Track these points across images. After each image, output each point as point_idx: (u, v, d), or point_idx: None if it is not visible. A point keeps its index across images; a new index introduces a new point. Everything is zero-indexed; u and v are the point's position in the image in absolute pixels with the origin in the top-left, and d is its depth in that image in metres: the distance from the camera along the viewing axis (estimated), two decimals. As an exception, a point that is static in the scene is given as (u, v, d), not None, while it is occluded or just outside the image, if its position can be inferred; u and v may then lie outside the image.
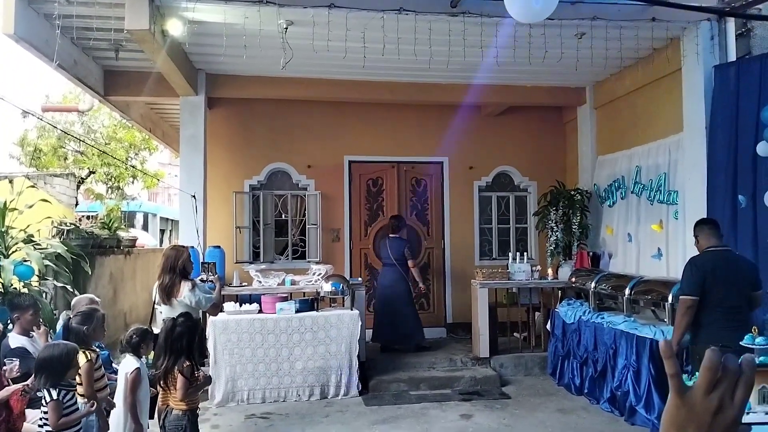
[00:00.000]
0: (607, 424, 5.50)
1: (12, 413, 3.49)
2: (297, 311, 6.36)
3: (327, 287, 6.63)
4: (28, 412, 3.72)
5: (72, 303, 4.94)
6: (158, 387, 3.84)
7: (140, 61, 6.60)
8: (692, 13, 5.75)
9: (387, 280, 7.64)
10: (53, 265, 5.89)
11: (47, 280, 5.94)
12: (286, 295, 6.68)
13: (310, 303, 6.57)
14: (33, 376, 3.43)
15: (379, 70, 7.03)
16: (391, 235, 7.73)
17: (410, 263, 7.55)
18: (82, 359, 3.60)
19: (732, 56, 5.77)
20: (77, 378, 3.58)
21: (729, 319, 4.17)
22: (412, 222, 8.80)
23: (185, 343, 3.76)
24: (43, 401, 3.34)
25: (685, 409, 0.73)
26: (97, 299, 5.07)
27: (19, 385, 3.51)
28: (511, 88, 7.93)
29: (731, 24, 5.81)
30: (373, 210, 8.79)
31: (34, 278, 5.56)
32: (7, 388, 3.47)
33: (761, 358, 3.79)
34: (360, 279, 7.47)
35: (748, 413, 2.80)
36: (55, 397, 3.28)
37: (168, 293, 4.74)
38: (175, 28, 5.39)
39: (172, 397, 3.75)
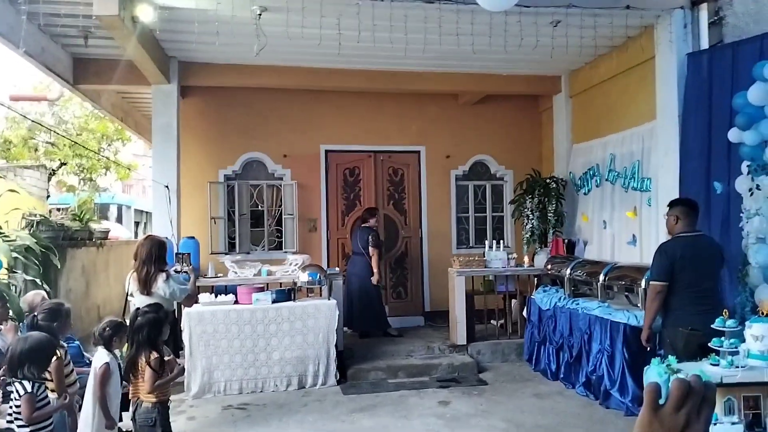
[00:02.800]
0: (582, 407, 5.57)
1: None
2: (273, 302, 6.31)
3: (304, 277, 6.59)
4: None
5: (25, 301, 4.83)
6: (129, 379, 3.79)
7: (110, 48, 6.45)
8: (666, 1, 5.80)
9: (356, 268, 7.70)
10: (22, 258, 5.76)
11: (16, 273, 5.81)
12: (262, 285, 6.62)
13: (286, 293, 6.52)
14: (7, 369, 3.33)
15: (355, 58, 6.97)
16: (362, 225, 7.76)
17: (370, 250, 7.49)
18: None
19: (705, 44, 5.83)
20: (46, 374, 3.51)
21: (699, 303, 4.26)
22: (389, 211, 8.79)
23: (146, 334, 3.67)
24: (14, 395, 3.27)
25: (657, 423, 0.82)
26: (44, 294, 4.98)
27: None
28: (488, 77, 7.94)
29: (704, 12, 5.86)
30: (350, 200, 8.75)
31: (3, 271, 5.43)
32: None
33: (731, 341, 3.86)
34: (337, 269, 7.44)
35: (715, 424, 3.04)
36: (29, 389, 3.22)
37: (148, 284, 4.69)
38: (145, 14, 5.27)
39: (141, 389, 3.69)
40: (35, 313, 3.91)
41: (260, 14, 5.45)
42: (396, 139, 8.81)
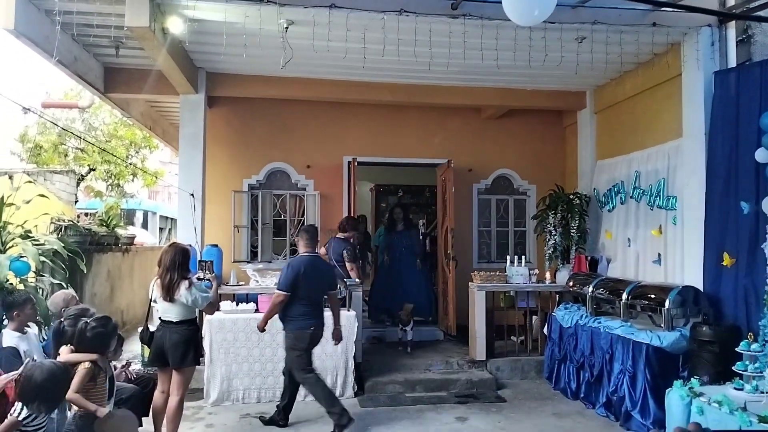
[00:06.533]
0: (602, 428, 5.49)
1: (8, 401, 3.46)
2: (293, 311, 6.34)
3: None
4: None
5: (52, 302, 4.90)
6: None
7: (141, 58, 6.59)
8: (693, 19, 5.76)
9: None
10: (50, 262, 5.88)
11: (43, 276, 5.93)
12: (283, 295, 6.65)
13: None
14: (20, 394, 3.30)
15: (379, 71, 7.02)
16: (337, 236, 7.43)
17: (348, 266, 7.04)
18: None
19: (732, 62, 5.77)
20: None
21: (313, 311, 5.42)
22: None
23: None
24: (12, 409, 3.27)
25: None
26: (73, 294, 5.03)
27: (13, 374, 3.47)
28: (511, 91, 7.93)
29: (732, 30, 5.80)
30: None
31: (31, 274, 5.55)
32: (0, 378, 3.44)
33: (756, 365, 3.79)
34: (357, 279, 7.44)
35: None
36: (20, 417, 3.20)
37: (171, 291, 4.75)
38: (175, 26, 5.38)
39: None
40: (61, 319, 3.95)
41: (287, 27, 5.52)
42: (418, 152, 8.83)
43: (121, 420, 3.80)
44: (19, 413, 3.21)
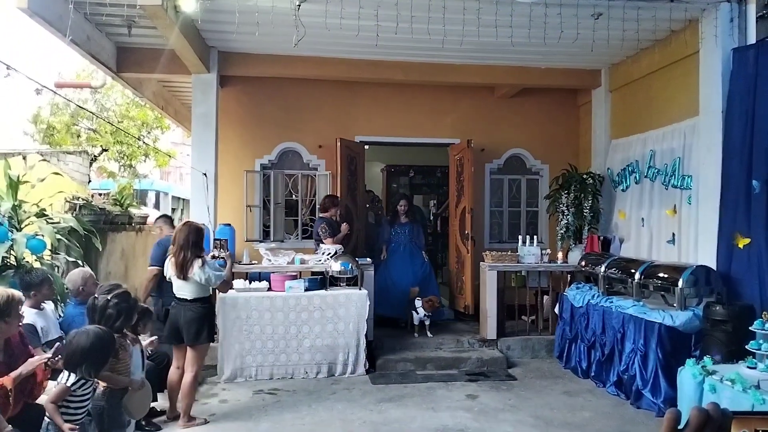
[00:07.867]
0: (613, 407, 5.51)
1: (36, 380, 3.52)
2: (306, 290, 6.40)
3: (336, 267, 6.64)
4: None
5: (69, 280, 4.95)
6: None
7: (153, 37, 6.58)
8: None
9: None
10: (65, 240, 5.93)
11: (59, 254, 5.99)
12: (295, 273, 6.71)
13: (319, 282, 6.59)
14: (65, 361, 3.37)
15: (392, 50, 6.97)
16: (321, 215, 7.50)
17: (326, 242, 7.07)
18: None
19: (752, 39, 5.65)
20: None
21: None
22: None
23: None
24: (60, 377, 3.35)
25: None
26: (91, 272, 5.09)
27: (45, 356, 3.53)
28: (525, 70, 7.84)
29: (752, 5, 5.68)
30: (384, 191, 8.75)
31: (47, 252, 5.60)
32: (30, 360, 3.47)
33: (771, 344, 3.77)
34: (369, 259, 7.46)
35: None
36: (69, 384, 3.28)
37: (185, 269, 4.80)
38: (187, 4, 5.35)
39: None
40: (95, 296, 3.95)
41: (299, 5, 5.48)
42: (431, 131, 8.78)
43: (147, 389, 3.92)
44: (68, 379, 3.30)
